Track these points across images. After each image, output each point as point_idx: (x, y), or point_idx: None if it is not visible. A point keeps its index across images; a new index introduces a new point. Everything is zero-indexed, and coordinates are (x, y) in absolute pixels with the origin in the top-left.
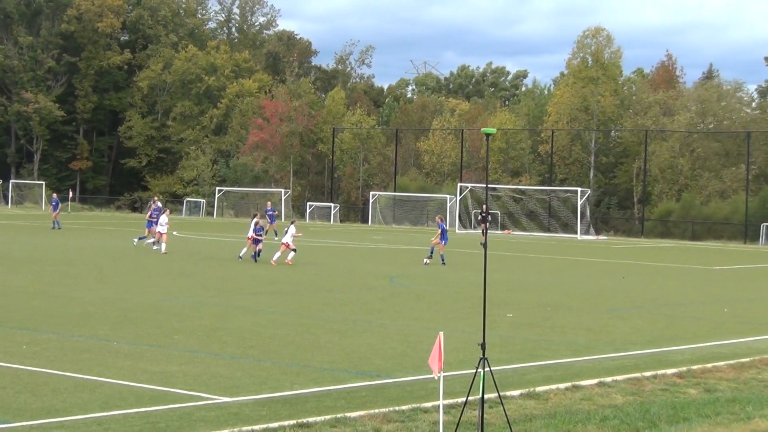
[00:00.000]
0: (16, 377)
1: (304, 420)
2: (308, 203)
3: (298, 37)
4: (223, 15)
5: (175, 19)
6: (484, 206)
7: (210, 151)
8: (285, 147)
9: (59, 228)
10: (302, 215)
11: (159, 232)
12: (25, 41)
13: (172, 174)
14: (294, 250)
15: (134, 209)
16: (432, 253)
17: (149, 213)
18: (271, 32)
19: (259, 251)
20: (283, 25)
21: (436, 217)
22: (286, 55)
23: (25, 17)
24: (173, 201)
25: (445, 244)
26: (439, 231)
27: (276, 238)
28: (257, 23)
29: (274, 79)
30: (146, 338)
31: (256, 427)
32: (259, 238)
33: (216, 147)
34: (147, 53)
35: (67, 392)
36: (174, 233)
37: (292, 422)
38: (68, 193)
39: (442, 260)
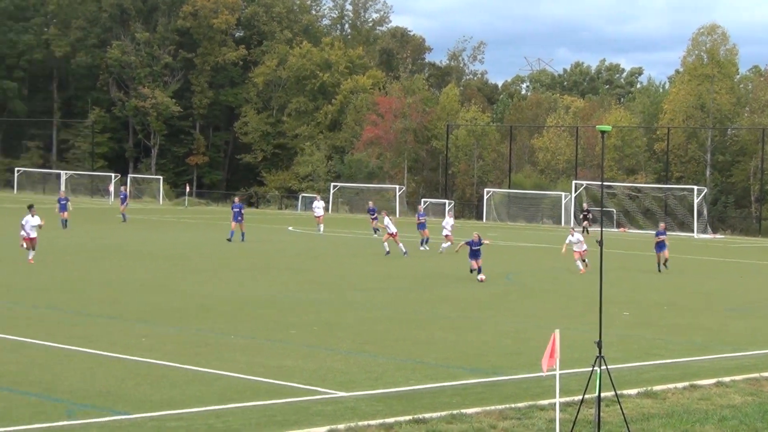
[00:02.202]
0: (135, 369)
1: (420, 416)
2: (423, 199)
3: (411, 33)
4: (337, 12)
5: (289, 15)
6: (584, 204)
7: (325, 147)
8: (399, 143)
9: (124, 220)
10: (416, 211)
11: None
12: (142, 37)
13: (288, 169)
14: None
15: (250, 204)
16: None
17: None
18: (384, 29)
19: (426, 239)
20: (396, 21)
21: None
22: (399, 52)
23: (141, 14)
24: (288, 196)
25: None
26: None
27: (375, 235)
28: (370, 20)
29: (387, 75)
30: (263, 332)
31: (372, 422)
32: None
33: (331, 143)
34: (262, 49)
35: (185, 385)
36: (289, 228)
37: (407, 418)
38: (185, 188)
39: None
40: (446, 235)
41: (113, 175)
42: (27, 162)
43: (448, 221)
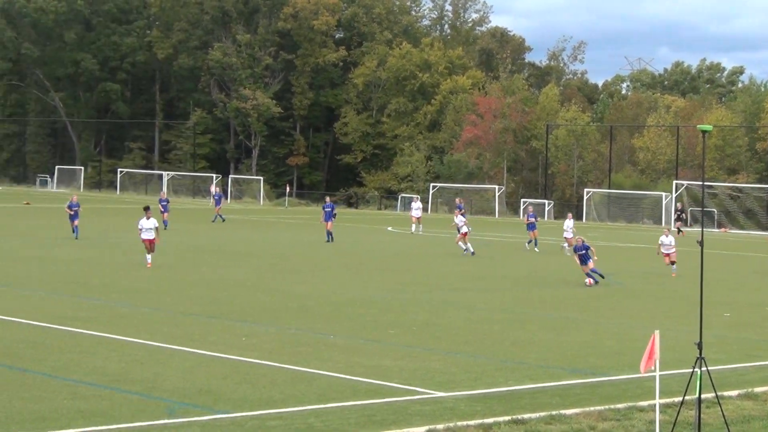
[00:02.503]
0: (235, 368)
1: (519, 416)
2: (522, 200)
3: (510, 33)
4: (436, 12)
5: (389, 16)
6: (678, 204)
7: (424, 147)
8: (498, 143)
9: (223, 220)
10: (515, 212)
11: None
12: (243, 39)
13: (387, 170)
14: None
15: (350, 204)
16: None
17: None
18: (483, 29)
19: (535, 240)
20: (496, 21)
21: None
22: (499, 52)
23: (243, 15)
24: (387, 197)
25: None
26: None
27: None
28: (470, 20)
29: (487, 75)
30: (362, 332)
31: (471, 423)
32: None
33: (430, 143)
34: (362, 50)
35: (285, 384)
36: (388, 229)
37: (506, 418)
38: (285, 188)
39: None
40: (567, 238)
41: (214, 175)
42: (129, 163)
43: (568, 223)
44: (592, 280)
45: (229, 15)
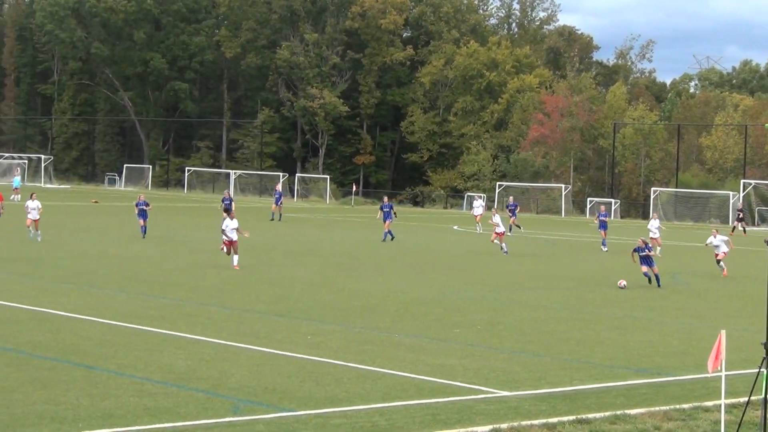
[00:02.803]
0: (301, 367)
1: (584, 416)
2: (588, 198)
3: (578, 32)
4: (504, 11)
5: (456, 15)
6: (739, 204)
7: (490, 146)
8: (565, 142)
9: (279, 220)
10: (582, 211)
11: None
12: (311, 38)
13: (453, 169)
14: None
15: (416, 203)
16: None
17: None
18: (551, 27)
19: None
20: (564, 20)
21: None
22: (566, 50)
23: (310, 15)
24: (453, 196)
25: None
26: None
27: (510, 232)
28: (537, 19)
29: (554, 74)
30: (427, 331)
31: (535, 422)
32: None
33: (496, 142)
34: (429, 49)
35: (350, 382)
36: (454, 227)
37: (571, 418)
38: (351, 187)
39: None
40: (653, 238)
41: (281, 174)
42: (197, 162)
43: (654, 223)
44: (625, 282)
45: (297, 14)
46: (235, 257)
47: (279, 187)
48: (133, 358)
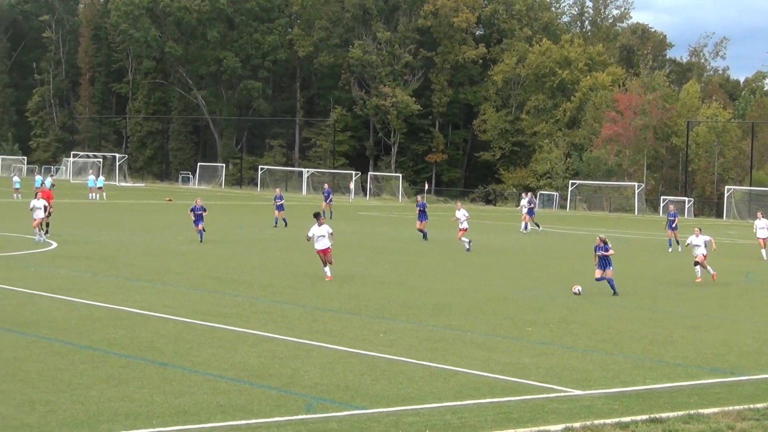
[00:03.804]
0: (373, 365)
1: (657, 415)
2: (662, 197)
3: (652, 29)
4: (577, 9)
5: (529, 13)
6: None
7: (563, 144)
8: (638, 140)
9: (331, 218)
10: (655, 209)
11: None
12: (383, 37)
13: (526, 167)
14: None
15: (488, 201)
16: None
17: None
18: (624, 25)
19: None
20: (637, 17)
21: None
22: (639, 48)
23: (383, 13)
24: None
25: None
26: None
27: (527, 230)
28: (610, 16)
29: (627, 72)
30: (499, 329)
31: (608, 421)
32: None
33: (569, 140)
34: (501, 47)
35: (422, 381)
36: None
37: (644, 417)
38: (424, 185)
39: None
40: (761, 238)
41: (353, 172)
42: (270, 160)
43: (759, 223)
44: (579, 288)
45: (370, 13)
46: (327, 268)
47: (327, 185)
48: (207, 355)
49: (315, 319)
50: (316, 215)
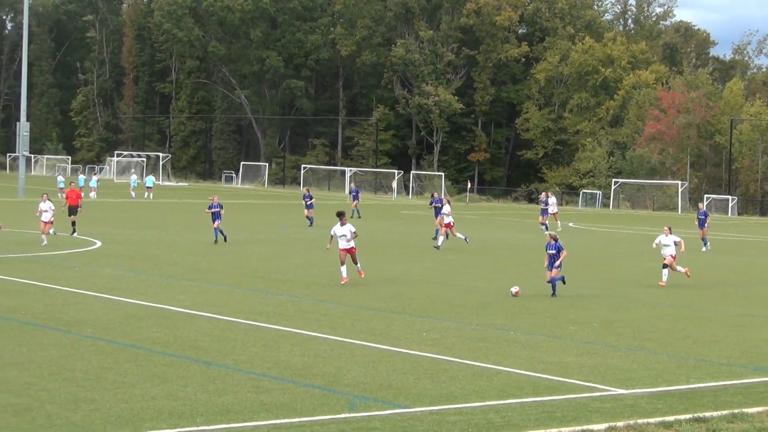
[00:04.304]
0: (416, 363)
1: (701, 414)
2: (705, 195)
3: (695, 27)
4: (620, 6)
5: (571, 11)
6: None
7: (606, 142)
8: (682, 139)
9: (359, 216)
10: (698, 208)
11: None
12: (425, 35)
13: (568, 166)
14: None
15: (530, 200)
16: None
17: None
18: (667, 23)
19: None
20: (680, 15)
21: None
22: (683, 46)
23: (425, 12)
24: (569, 192)
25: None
26: None
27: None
28: (654, 14)
29: (670, 70)
30: (542, 328)
31: (652, 420)
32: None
33: (612, 138)
34: (544, 45)
35: (465, 379)
36: (569, 225)
37: (687, 416)
38: (466, 184)
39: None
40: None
41: (396, 171)
42: (312, 159)
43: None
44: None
45: (412, 11)
46: (343, 268)
47: (353, 184)
48: (250, 354)
49: (358, 317)
50: (339, 214)
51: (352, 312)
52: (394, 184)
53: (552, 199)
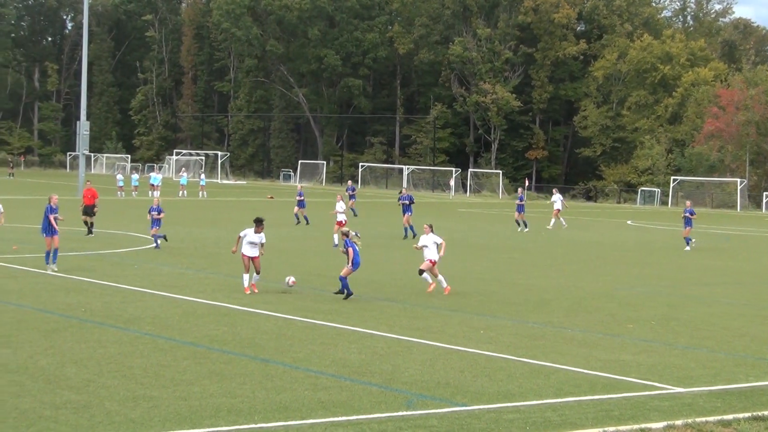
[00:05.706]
0: (473, 361)
1: (760, 413)
2: (765, 193)
3: (754, 24)
4: (679, 3)
5: (630, 8)
6: None
7: (665, 140)
8: (741, 136)
9: (355, 215)
10: (758, 205)
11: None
12: (483, 33)
13: (627, 163)
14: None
15: (589, 198)
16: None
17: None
18: (726, 20)
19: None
20: (740, 12)
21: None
22: (742, 43)
23: (483, 10)
24: (627, 190)
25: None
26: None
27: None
28: (713, 11)
29: (729, 67)
30: (600, 326)
31: (710, 419)
32: None
33: (671, 136)
34: (602, 43)
35: (522, 377)
36: (628, 222)
37: (746, 415)
38: (524, 182)
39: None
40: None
41: (453, 169)
42: (370, 157)
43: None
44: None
45: (470, 9)
46: (255, 276)
47: (350, 182)
48: (308, 351)
49: (415, 315)
50: (257, 221)
51: (410, 310)
52: (452, 182)
53: (557, 196)
